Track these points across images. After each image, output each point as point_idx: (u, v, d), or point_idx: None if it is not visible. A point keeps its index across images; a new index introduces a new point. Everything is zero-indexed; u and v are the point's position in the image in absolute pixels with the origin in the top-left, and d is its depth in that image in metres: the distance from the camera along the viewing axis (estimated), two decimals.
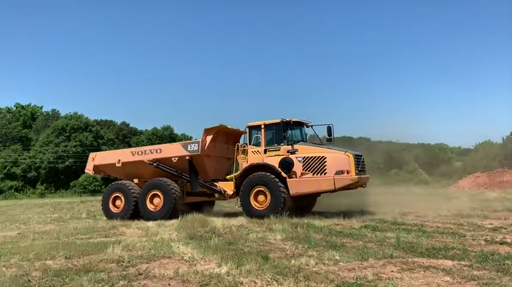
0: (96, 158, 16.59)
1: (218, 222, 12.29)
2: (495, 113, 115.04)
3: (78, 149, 56.77)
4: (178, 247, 8.26)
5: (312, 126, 15.16)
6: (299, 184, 12.89)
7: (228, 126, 15.22)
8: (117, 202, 15.30)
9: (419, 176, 63.32)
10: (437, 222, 11.78)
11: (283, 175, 13.03)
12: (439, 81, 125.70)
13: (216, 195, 15.14)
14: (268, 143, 13.88)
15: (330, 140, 14.24)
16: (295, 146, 13.40)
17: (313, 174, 12.84)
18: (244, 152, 14.21)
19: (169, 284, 5.71)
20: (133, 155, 15.69)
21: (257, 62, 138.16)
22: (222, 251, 7.64)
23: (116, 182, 16.14)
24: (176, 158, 14.73)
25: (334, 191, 13.06)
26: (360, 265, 6.44)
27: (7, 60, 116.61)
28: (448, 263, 6.43)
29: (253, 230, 10.63)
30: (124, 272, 6.35)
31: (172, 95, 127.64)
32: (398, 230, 9.90)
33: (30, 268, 6.73)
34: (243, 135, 15.19)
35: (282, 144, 13.63)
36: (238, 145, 14.55)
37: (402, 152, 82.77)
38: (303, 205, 14.47)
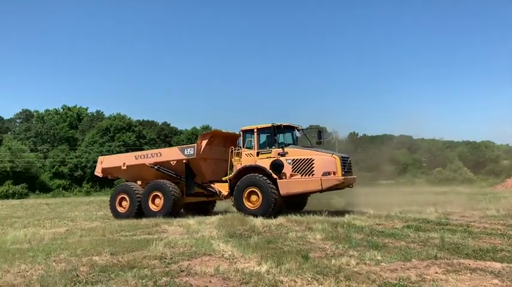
0: (104, 162, 17.57)
1: (257, 221, 12.34)
2: None
3: (121, 149, 58.46)
4: (218, 245, 8.36)
5: (303, 130, 15.72)
6: (289, 185, 13.46)
7: (223, 131, 16.15)
8: (123, 203, 16.16)
9: (464, 175, 61.24)
10: (485, 222, 11.33)
11: (274, 176, 13.59)
12: (491, 77, 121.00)
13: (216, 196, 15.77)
14: (261, 146, 14.49)
15: (319, 143, 14.81)
16: (286, 149, 13.93)
17: (302, 175, 13.44)
18: (239, 154, 14.81)
19: (210, 282, 5.78)
20: (136, 159, 16.56)
21: (300, 61, 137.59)
22: (262, 250, 7.67)
23: (122, 184, 17.14)
24: (174, 162, 15.53)
25: (321, 191, 13.58)
26: (402, 266, 6.30)
27: (54, 63, 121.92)
28: (497, 265, 6.17)
29: (293, 229, 10.61)
30: (167, 269, 6.50)
31: (213, 94, 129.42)
32: (443, 231, 9.61)
33: (78, 263, 6.99)
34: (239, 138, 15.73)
35: (273, 147, 14.19)
36: (232, 147, 15.10)
37: (446, 150, 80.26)
38: (295, 205, 15.16)
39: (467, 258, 6.74)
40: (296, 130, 15.57)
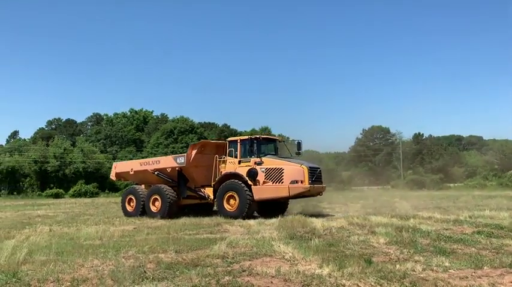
0: (117, 167, 19.69)
1: (318, 223, 12.23)
2: None
3: (184, 150, 60.01)
4: (279, 246, 8.38)
5: (284, 141, 17.69)
6: (261, 191, 14.81)
7: (211, 141, 18.25)
8: (131, 203, 18.03)
9: None
10: None
11: (250, 182, 14.95)
12: None
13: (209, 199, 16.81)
14: (243, 155, 15.85)
15: (298, 153, 16.56)
16: (263, 159, 15.27)
17: (273, 182, 14.76)
18: (224, 162, 16.27)
19: (271, 282, 5.81)
20: (141, 165, 18.41)
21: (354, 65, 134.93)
22: (323, 253, 7.59)
23: (130, 186, 19.25)
24: (170, 169, 17.07)
25: (289, 198, 14.98)
26: (473, 274, 5.97)
27: (121, 69, 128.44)
28: None
29: (355, 233, 10.39)
30: (229, 268, 6.62)
31: (274, 97, 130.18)
32: None
33: (145, 260, 7.31)
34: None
35: (252, 156, 15.53)
36: (216, 156, 16.45)
37: None
38: (277, 206, 16.21)
39: None
40: (278, 141, 17.47)
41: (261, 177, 14.84)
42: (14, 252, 8.05)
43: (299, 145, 16.54)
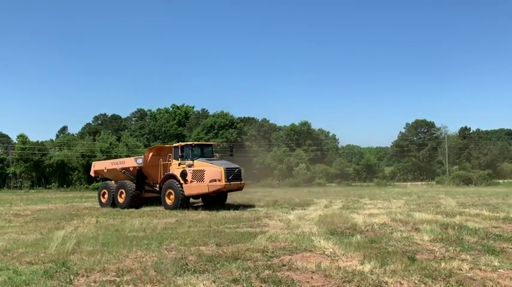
0: (95, 166, 22.86)
1: (359, 219, 12.05)
2: None
3: (224, 145, 60.65)
4: (319, 242, 8.32)
5: (219, 145, 20.78)
6: (189, 188, 17.55)
7: (166, 145, 21.75)
8: (105, 195, 21.04)
9: None
10: None
11: (182, 181, 17.73)
12: None
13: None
14: (182, 158, 18.35)
15: (231, 155, 20.83)
16: (195, 162, 17.80)
17: (197, 181, 17.46)
18: (171, 164, 18.93)
19: (311, 278, 5.78)
20: (112, 164, 21.60)
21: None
22: (365, 249, 7.47)
23: (103, 182, 22.69)
24: (132, 168, 20.20)
25: (208, 193, 17.65)
26: None
27: (165, 67, 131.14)
28: None
29: (397, 229, 10.16)
30: (268, 262, 6.64)
31: (313, 91, 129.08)
32: None
33: (187, 253, 7.47)
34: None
35: (187, 160, 18.14)
36: (161, 160, 19.08)
37: None
38: (218, 199, 19.08)
39: None
40: (214, 145, 20.87)
41: (189, 177, 17.55)
42: (63, 242, 8.44)
43: (231, 148, 21.51)
